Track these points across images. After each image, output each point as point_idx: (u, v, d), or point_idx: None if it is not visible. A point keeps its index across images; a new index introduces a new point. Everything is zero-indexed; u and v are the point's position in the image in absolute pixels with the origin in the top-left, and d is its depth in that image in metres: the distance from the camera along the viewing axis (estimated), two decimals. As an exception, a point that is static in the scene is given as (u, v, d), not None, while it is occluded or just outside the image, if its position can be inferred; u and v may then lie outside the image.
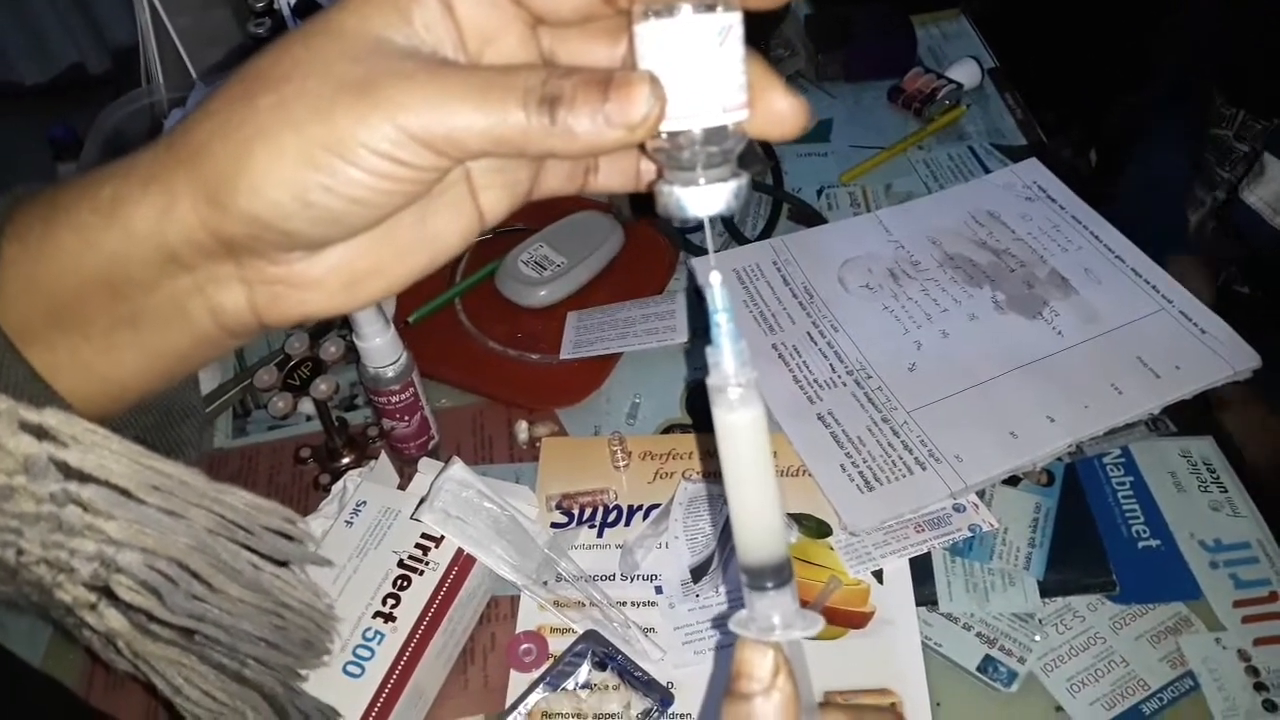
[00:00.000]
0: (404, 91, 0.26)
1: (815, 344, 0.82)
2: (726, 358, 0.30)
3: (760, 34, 1.08)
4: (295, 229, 0.28)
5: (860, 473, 0.72)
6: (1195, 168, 1.07)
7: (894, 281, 0.86)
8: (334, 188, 0.27)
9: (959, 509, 0.70)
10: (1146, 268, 0.85)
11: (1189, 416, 0.76)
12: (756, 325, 0.84)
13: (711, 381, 0.30)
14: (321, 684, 0.61)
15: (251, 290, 0.30)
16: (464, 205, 0.32)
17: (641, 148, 0.31)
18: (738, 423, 0.30)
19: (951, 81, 1.07)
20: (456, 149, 0.27)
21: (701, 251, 0.93)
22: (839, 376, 0.79)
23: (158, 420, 0.38)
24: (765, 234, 0.94)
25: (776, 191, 0.98)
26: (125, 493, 0.30)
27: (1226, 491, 0.71)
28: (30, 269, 0.30)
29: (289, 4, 1.09)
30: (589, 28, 0.31)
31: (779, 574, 0.32)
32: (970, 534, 0.69)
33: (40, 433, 0.28)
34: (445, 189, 0.31)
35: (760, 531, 0.31)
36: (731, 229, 0.95)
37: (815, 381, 0.79)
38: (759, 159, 1.01)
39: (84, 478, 0.29)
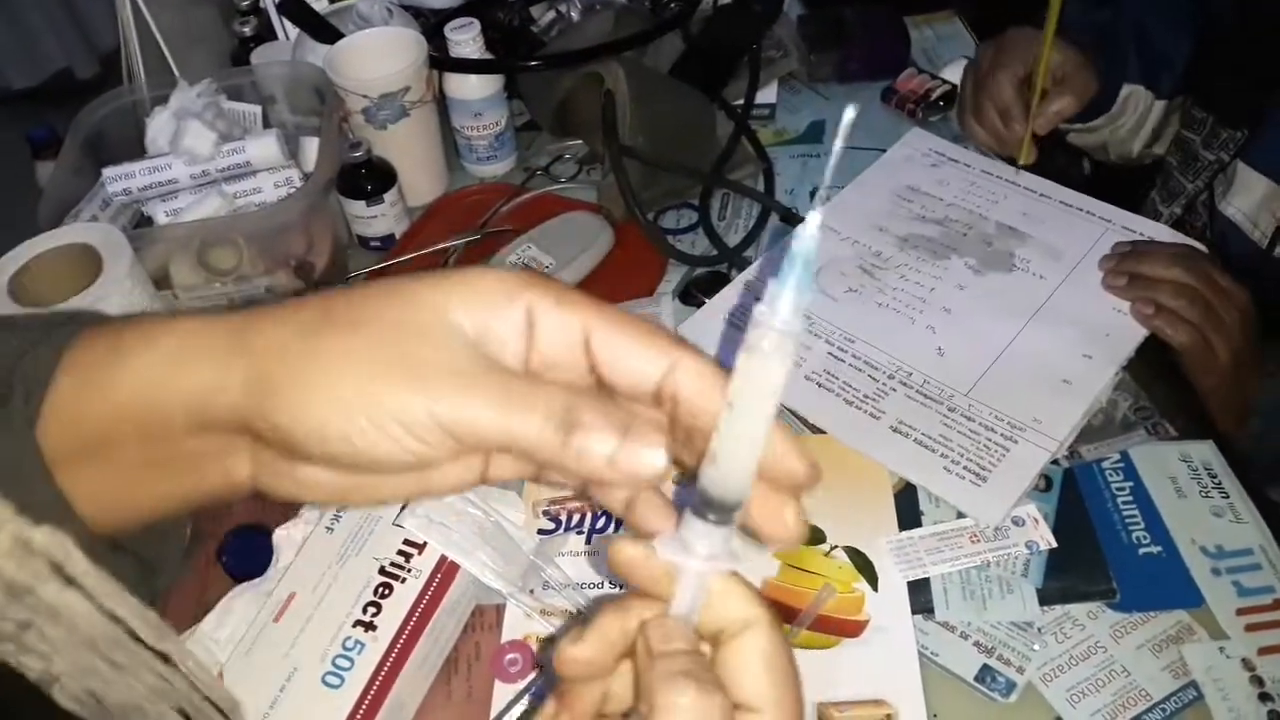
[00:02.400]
0: (447, 385, 0.29)
1: (842, 361, 0.80)
2: (785, 299, 0.27)
3: (753, 35, 1.06)
4: (316, 456, 0.31)
5: (965, 468, 0.71)
6: (1156, 172, 1.05)
7: (870, 277, 0.86)
8: (359, 443, 0.30)
9: (1018, 523, 0.69)
10: (1072, 198, 0.91)
11: (1188, 421, 0.75)
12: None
13: (757, 312, 0.28)
14: (300, 695, 0.59)
15: (258, 470, 0.33)
16: (472, 465, 0.34)
17: None
18: (761, 368, 0.28)
19: (946, 82, 1.06)
20: (477, 442, 0.30)
21: (691, 260, 0.91)
22: (883, 385, 0.77)
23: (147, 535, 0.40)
24: (750, 239, 0.93)
25: (765, 199, 0.97)
26: (87, 642, 0.31)
27: (1228, 497, 0.70)
28: (80, 404, 0.32)
29: (274, 3, 1.07)
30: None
31: (728, 513, 0.30)
32: (1028, 551, 0.67)
33: (33, 552, 0.30)
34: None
35: (738, 471, 0.29)
36: (713, 236, 0.93)
37: (866, 397, 0.77)
38: (751, 159, 1.00)
39: (55, 615, 0.30)
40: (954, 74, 1.07)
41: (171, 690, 0.33)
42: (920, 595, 0.65)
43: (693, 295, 0.87)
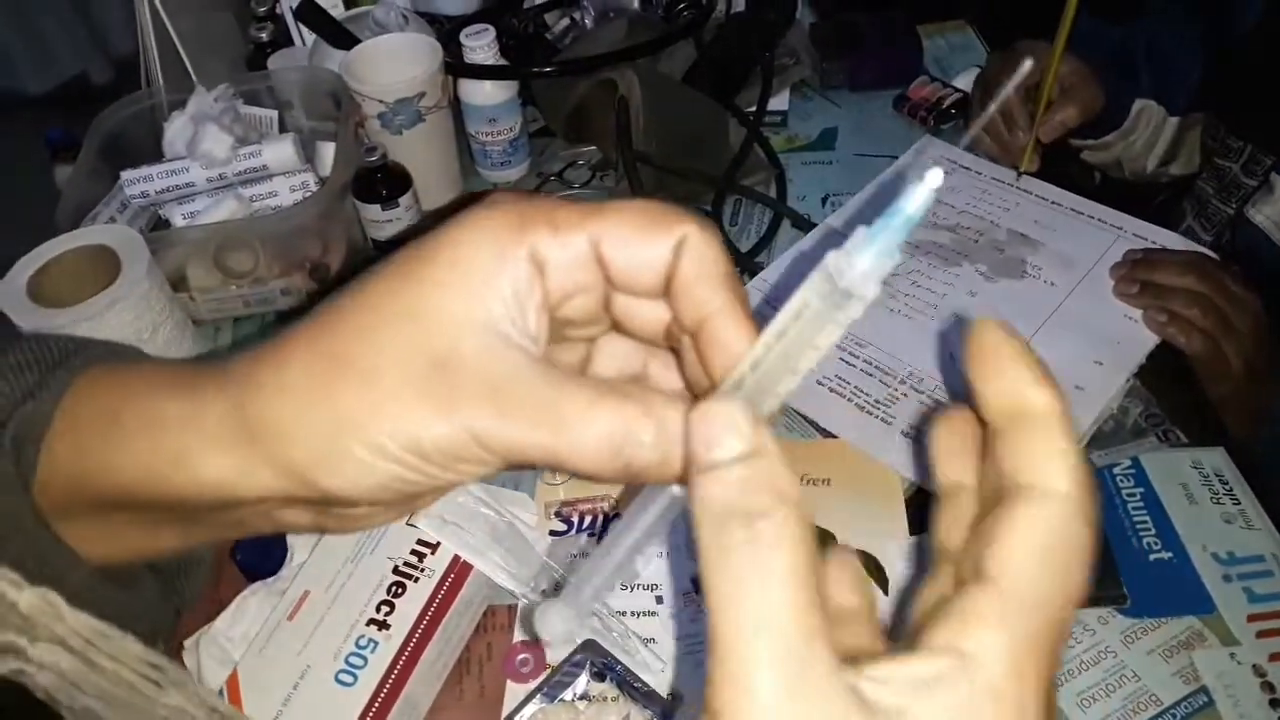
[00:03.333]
0: (486, 406, 0.27)
1: (854, 366, 0.80)
2: (866, 255, 0.24)
3: (765, 42, 1.07)
4: (368, 499, 0.29)
5: None
6: (1184, 196, 1.05)
7: (883, 283, 0.86)
8: (408, 478, 0.28)
9: None
10: (1084, 205, 0.92)
11: (1199, 427, 0.76)
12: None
13: (831, 260, 0.24)
14: (313, 693, 0.60)
15: (317, 519, 0.32)
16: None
17: None
18: (824, 311, 0.25)
19: (957, 90, 1.06)
20: (520, 460, 0.28)
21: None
22: (895, 390, 0.78)
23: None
24: (763, 244, 0.93)
25: (777, 205, 0.97)
26: (81, 688, 0.30)
27: (1240, 504, 0.70)
28: (80, 473, 0.31)
29: (291, 8, 1.08)
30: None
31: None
32: None
33: (20, 614, 0.29)
34: None
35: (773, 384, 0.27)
36: (725, 241, 0.94)
37: (877, 402, 0.77)
38: (763, 166, 1.01)
39: (43, 668, 0.30)
40: (965, 83, 1.07)
41: None
42: (931, 599, 0.65)
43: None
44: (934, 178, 0.23)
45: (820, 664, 0.22)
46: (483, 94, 0.99)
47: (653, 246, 0.29)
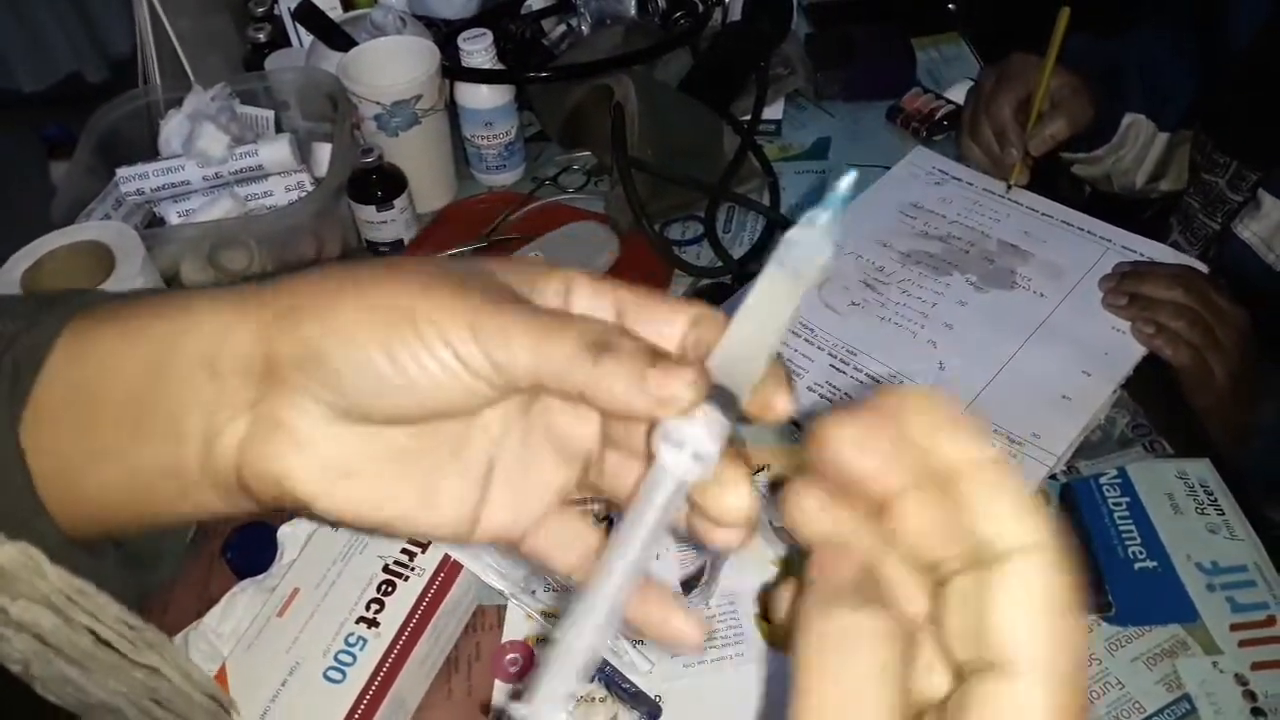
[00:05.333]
0: (487, 304, 0.29)
1: (844, 373, 0.81)
2: (820, 225, 0.29)
3: (760, 52, 1.08)
4: (343, 373, 0.29)
5: None
6: (1171, 211, 1.06)
7: (874, 292, 0.87)
8: (394, 353, 0.28)
9: None
10: (1074, 217, 0.92)
11: (1185, 438, 0.76)
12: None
13: (790, 232, 0.29)
14: (302, 690, 0.60)
15: (252, 426, 0.30)
16: (471, 491, 0.32)
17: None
18: (784, 278, 0.29)
19: (950, 102, 1.07)
20: (509, 368, 0.29)
21: (696, 271, 0.92)
22: None
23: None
24: (756, 252, 0.94)
25: (771, 213, 0.98)
26: (58, 651, 0.30)
27: (1224, 514, 0.71)
28: (72, 369, 0.31)
29: (289, 9, 1.09)
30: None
31: (729, 404, 0.28)
32: None
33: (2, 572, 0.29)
34: (467, 463, 0.32)
35: (742, 366, 0.29)
36: (718, 248, 0.94)
37: None
38: (757, 174, 1.01)
39: (21, 628, 0.30)
40: (958, 95, 1.08)
41: (157, 691, 0.32)
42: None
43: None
44: (849, 177, 0.28)
45: None
46: (479, 98, 0.99)
47: (671, 320, 0.31)
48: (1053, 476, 0.73)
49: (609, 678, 0.62)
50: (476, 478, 0.32)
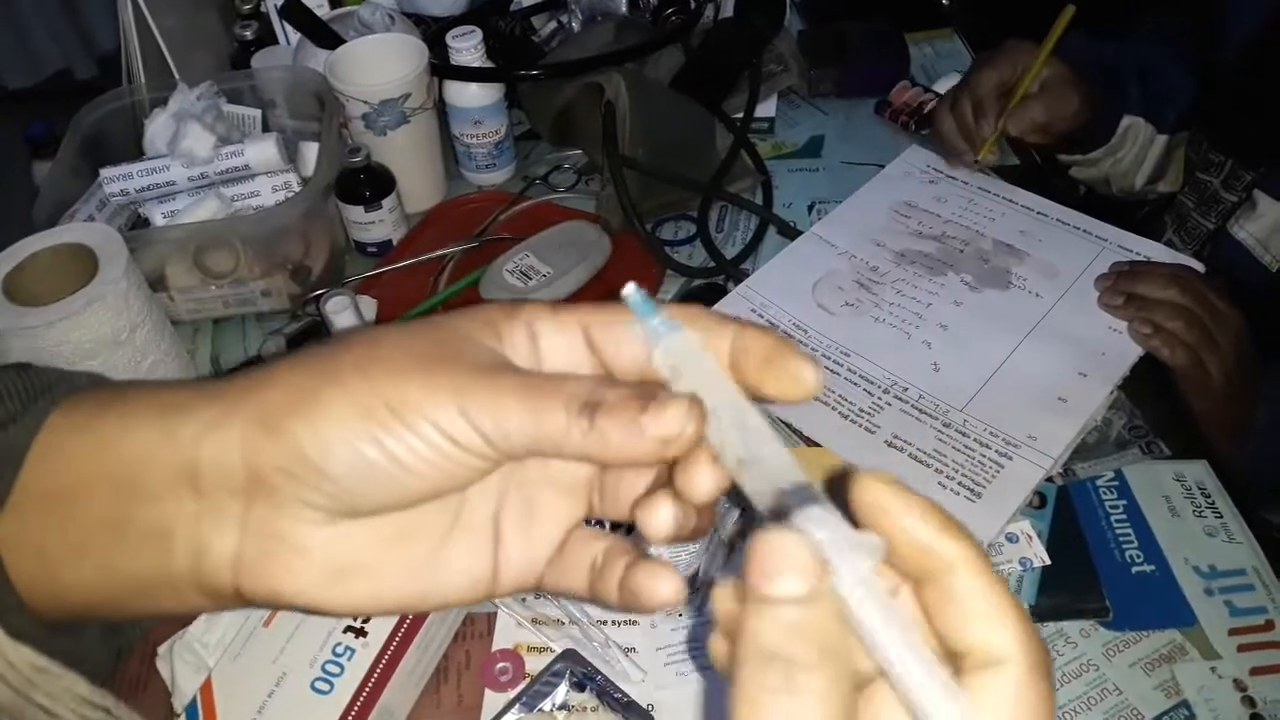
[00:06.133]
0: (472, 382, 0.28)
1: (838, 374, 0.80)
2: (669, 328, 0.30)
3: (753, 49, 1.07)
4: (336, 473, 0.28)
5: (959, 484, 0.71)
6: (1165, 210, 1.05)
7: (868, 292, 0.86)
8: (385, 445, 0.28)
9: (1012, 539, 0.69)
10: (1070, 216, 0.92)
11: (1182, 440, 0.76)
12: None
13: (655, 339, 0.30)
14: (289, 700, 0.59)
15: (245, 540, 0.29)
16: (482, 552, 0.32)
17: None
18: (676, 343, 0.29)
19: (938, 95, 1.06)
20: (503, 442, 0.28)
21: (689, 271, 0.91)
22: (879, 399, 0.77)
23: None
24: (749, 251, 0.93)
25: (764, 211, 0.97)
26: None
27: (1221, 517, 0.70)
28: (50, 467, 0.30)
29: (276, 7, 1.08)
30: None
31: (805, 491, 0.26)
32: (1021, 568, 0.68)
33: None
34: (471, 527, 0.32)
35: (768, 458, 0.27)
36: (710, 248, 0.93)
37: (861, 411, 0.77)
38: (750, 172, 1.00)
39: None
40: (947, 87, 1.07)
41: None
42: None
43: (690, 307, 0.87)
44: (629, 286, 0.30)
45: None
46: (468, 96, 0.98)
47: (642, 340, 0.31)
48: (1049, 479, 0.72)
49: (600, 687, 0.61)
50: (485, 539, 0.32)
